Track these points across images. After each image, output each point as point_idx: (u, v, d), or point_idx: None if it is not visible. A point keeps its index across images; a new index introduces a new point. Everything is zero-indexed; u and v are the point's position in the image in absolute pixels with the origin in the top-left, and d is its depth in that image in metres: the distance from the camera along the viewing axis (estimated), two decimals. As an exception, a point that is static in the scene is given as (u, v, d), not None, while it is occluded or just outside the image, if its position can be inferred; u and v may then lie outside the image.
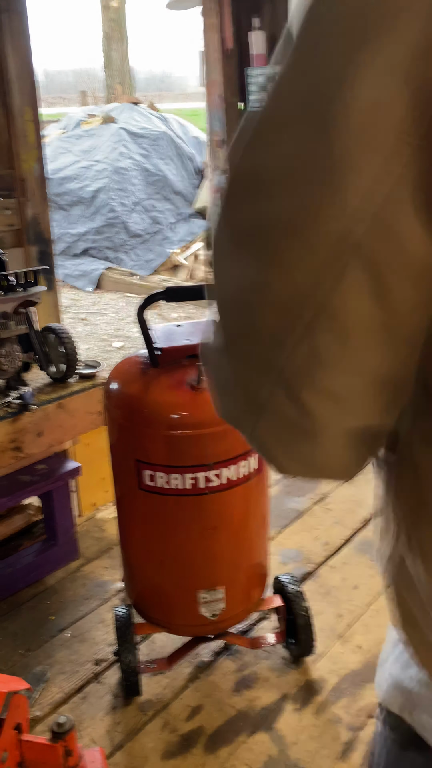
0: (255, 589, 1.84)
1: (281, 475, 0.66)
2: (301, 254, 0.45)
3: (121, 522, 1.83)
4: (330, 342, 0.47)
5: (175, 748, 1.71)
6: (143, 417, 1.59)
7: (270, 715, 1.79)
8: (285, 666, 1.94)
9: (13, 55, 2.47)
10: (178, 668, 1.94)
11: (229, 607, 1.75)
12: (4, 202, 2.56)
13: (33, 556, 2.35)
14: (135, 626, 1.83)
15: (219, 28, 4.41)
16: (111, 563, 2.42)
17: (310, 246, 0.45)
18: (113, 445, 1.74)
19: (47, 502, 2.37)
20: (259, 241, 0.48)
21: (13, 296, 2.07)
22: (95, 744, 1.72)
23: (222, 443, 1.58)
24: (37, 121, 2.59)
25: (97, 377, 2.38)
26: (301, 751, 1.68)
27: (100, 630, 2.11)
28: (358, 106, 0.40)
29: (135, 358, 1.72)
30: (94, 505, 2.76)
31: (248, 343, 0.52)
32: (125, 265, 7.33)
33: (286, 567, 2.36)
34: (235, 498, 1.65)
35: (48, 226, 2.70)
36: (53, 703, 1.85)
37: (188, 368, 1.63)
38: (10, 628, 2.13)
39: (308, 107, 0.42)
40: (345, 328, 0.46)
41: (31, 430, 2.19)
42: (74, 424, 2.31)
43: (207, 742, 1.72)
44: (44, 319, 2.72)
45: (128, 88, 12.68)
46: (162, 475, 1.60)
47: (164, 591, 1.75)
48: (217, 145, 4.69)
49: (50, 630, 2.12)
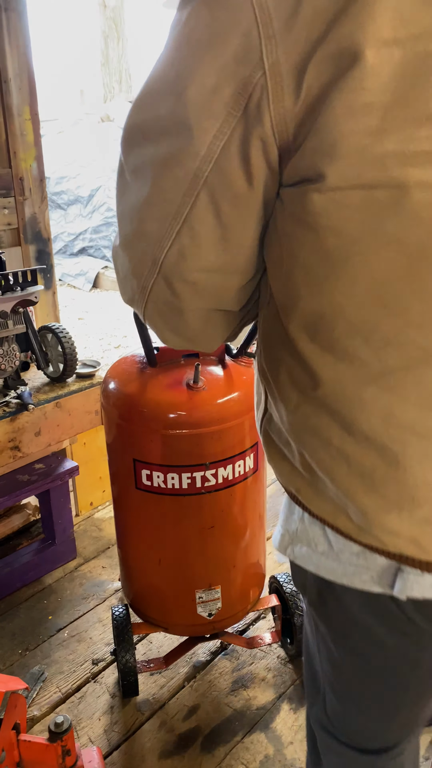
0: (252, 589, 1.84)
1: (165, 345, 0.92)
2: (172, 183, 0.67)
3: (118, 521, 1.83)
4: (189, 245, 0.70)
5: (172, 747, 1.72)
6: (140, 416, 1.59)
7: (267, 714, 1.79)
8: (282, 665, 1.95)
9: (12, 54, 2.47)
10: (175, 668, 1.95)
11: (225, 607, 1.75)
12: (2, 201, 2.55)
13: (31, 556, 2.35)
14: (132, 626, 1.84)
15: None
16: (108, 563, 2.43)
17: (176, 178, 0.66)
18: (110, 445, 1.74)
19: (45, 501, 2.37)
20: (145, 173, 0.69)
21: (11, 295, 2.07)
22: (93, 743, 1.72)
23: (219, 443, 1.58)
24: (35, 120, 2.59)
25: (95, 377, 2.38)
26: (297, 751, 1.69)
27: (97, 629, 2.11)
28: (203, 89, 0.62)
29: (132, 358, 1.73)
30: (92, 504, 2.76)
31: (139, 244, 0.73)
32: (123, 264, 7.33)
33: (283, 566, 2.37)
34: (232, 497, 1.66)
35: (46, 225, 2.70)
36: (51, 702, 1.85)
37: (185, 368, 1.63)
38: (7, 627, 2.13)
39: (173, 86, 0.64)
40: (198, 236, 0.69)
41: (29, 430, 2.19)
42: (72, 424, 2.32)
43: (204, 742, 1.73)
44: (42, 319, 2.73)
45: (126, 86, 12.67)
46: (159, 475, 1.60)
47: (161, 590, 1.76)
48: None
49: (48, 629, 2.12)
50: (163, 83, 0.65)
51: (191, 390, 1.57)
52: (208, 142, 0.63)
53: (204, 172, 0.65)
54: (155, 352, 1.64)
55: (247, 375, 1.68)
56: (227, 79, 0.61)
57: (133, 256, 0.75)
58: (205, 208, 0.67)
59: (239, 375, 1.66)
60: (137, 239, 0.73)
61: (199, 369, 1.57)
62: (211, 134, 0.63)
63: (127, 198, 0.73)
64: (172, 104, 0.64)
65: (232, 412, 1.59)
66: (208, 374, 1.62)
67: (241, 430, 1.61)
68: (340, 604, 0.86)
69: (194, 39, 0.62)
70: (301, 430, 0.75)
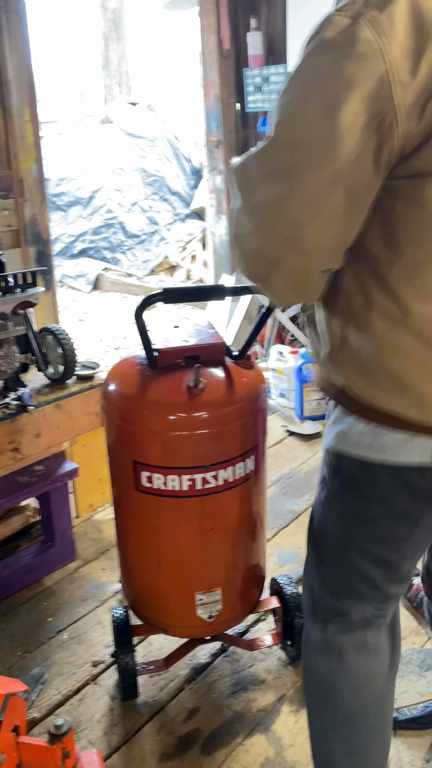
0: (252, 591, 1.84)
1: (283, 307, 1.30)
2: (316, 180, 0.94)
3: (118, 523, 1.83)
4: (325, 223, 0.98)
5: (172, 750, 1.71)
6: (141, 418, 1.59)
7: (267, 717, 1.79)
8: (282, 668, 1.94)
9: (12, 56, 2.47)
10: (175, 670, 1.94)
11: (226, 609, 1.75)
12: (2, 203, 2.56)
13: (31, 558, 2.35)
14: (132, 628, 1.83)
15: (216, 28, 4.41)
16: (108, 565, 2.42)
17: (321, 176, 0.94)
18: (110, 446, 1.74)
19: (45, 503, 2.37)
20: (288, 173, 0.96)
21: (11, 297, 2.07)
22: (93, 746, 1.72)
23: (219, 445, 1.58)
24: (35, 122, 2.59)
25: (95, 378, 2.38)
26: (298, 753, 1.68)
27: (97, 632, 2.11)
28: (350, 114, 0.90)
29: (132, 359, 1.72)
30: (92, 506, 2.76)
31: (274, 228, 1.00)
32: (122, 265, 7.33)
33: (283, 569, 2.36)
34: (232, 499, 1.65)
35: (46, 226, 2.70)
36: (51, 705, 1.85)
37: (185, 369, 1.63)
38: (7, 629, 2.13)
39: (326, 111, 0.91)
40: (332, 216, 0.97)
41: (29, 431, 2.19)
42: (72, 425, 2.31)
43: (204, 744, 1.72)
44: (42, 320, 2.72)
45: (126, 88, 12.67)
46: (159, 477, 1.60)
47: (161, 593, 1.75)
48: (213, 145, 4.69)
49: (48, 631, 2.12)
50: (315, 107, 0.92)
51: (191, 392, 1.57)
52: (349, 149, 0.91)
53: (344, 169, 0.93)
54: (155, 354, 1.64)
55: (247, 377, 1.68)
56: (366, 109, 0.89)
57: (266, 238, 1.01)
58: (340, 196, 0.95)
59: (239, 377, 1.66)
60: (273, 224, 0.99)
61: (199, 371, 1.57)
62: (352, 144, 0.91)
63: (259, 194, 1.00)
64: (325, 124, 0.91)
65: (233, 414, 1.59)
66: (209, 376, 1.62)
67: (241, 432, 1.61)
68: (375, 479, 1.16)
69: (343, 78, 0.89)
70: (388, 350, 1.05)
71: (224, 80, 4.52)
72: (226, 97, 4.57)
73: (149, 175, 7.92)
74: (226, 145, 4.64)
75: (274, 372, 3.71)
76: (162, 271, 7.35)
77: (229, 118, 4.63)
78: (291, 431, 3.42)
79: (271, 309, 1.66)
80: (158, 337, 1.71)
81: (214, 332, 1.75)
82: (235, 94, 4.60)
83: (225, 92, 4.55)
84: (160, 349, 1.64)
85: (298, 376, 3.50)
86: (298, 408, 3.54)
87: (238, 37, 4.45)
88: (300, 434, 3.39)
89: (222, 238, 4.84)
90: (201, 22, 4.50)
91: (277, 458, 3.16)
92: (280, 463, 3.12)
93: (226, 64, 4.51)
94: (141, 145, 8.10)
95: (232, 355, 1.73)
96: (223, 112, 4.57)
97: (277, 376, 3.69)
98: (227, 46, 4.44)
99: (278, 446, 3.29)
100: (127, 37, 12.82)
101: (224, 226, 4.80)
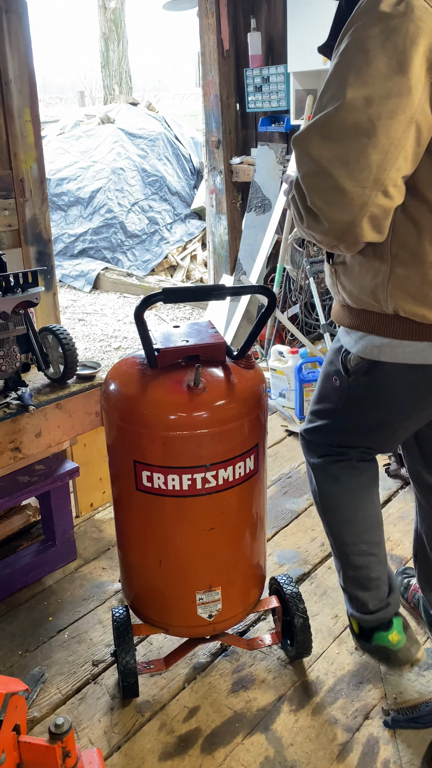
0: (252, 590, 1.84)
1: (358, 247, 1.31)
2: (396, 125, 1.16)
3: (118, 523, 1.83)
4: (402, 162, 1.19)
5: (173, 749, 1.71)
6: (141, 418, 1.59)
7: (267, 716, 1.79)
8: (282, 667, 1.95)
9: (13, 56, 2.47)
10: (175, 669, 1.95)
11: (226, 608, 1.75)
12: (2, 203, 2.56)
13: (31, 557, 2.35)
14: (133, 627, 1.83)
15: (216, 28, 4.41)
16: (109, 564, 2.43)
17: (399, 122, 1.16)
18: (111, 446, 1.74)
19: (45, 502, 2.37)
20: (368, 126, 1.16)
21: (12, 297, 2.07)
22: (93, 745, 1.72)
23: (219, 444, 1.58)
24: (36, 122, 2.59)
25: (96, 378, 2.38)
26: (297, 752, 1.69)
27: (97, 631, 2.11)
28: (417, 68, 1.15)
29: (133, 359, 1.73)
30: (92, 505, 2.76)
31: (360, 173, 1.17)
32: (123, 265, 7.33)
33: (283, 568, 2.37)
34: (232, 499, 1.66)
35: (46, 226, 2.70)
36: (51, 704, 1.85)
37: (186, 369, 1.63)
38: (8, 629, 2.13)
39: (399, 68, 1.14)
40: (407, 155, 1.18)
41: (29, 431, 2.19)
42: (73, 425, 2.32)
43: (204, 743, 1.73)
44: (43, 320, 2.73)
45: (126, 88, 12.67)
46: (159, 476, 1.60)
47: (161, 592, 1.76)
48: (213, 145, 4.70)
49: (48, 631, 2.12)
50: (387, 67, 1.14)
51: (192, 391, 1.57)
52: (419, 96, 1.15)
53: (416, 114, 1.16)
54: (156, 354, 1.64)
55: (247, 376, 1.68)
56: (426, 61, 1.14)
57: (354, 186, 1.17)
58: (413, 137, 1.17)
59: (239, 376, 1.66)
60: (359, 172, 1.17)
61: (199, 370, 1.57)
62: (420, 91, 1.15)
63: (340, 149, 1.18)
64: (399, 77, 1.14)
65: (233, 413, 1.59)
66: (209, 376, 1.62)
67: (241, 432, 1.62)
68: (387, 375, 1.43)
69: (408, 38, 1.13)
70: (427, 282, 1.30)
71: (224, 80, 4.53)
72: (226, 97, 4.57)
73: (149, 175, 7.92)
74: (226, 145, 4.64)
75: (274, 372, 3.71)
76: (162, 271, 7.35)
77: (229, 118, 4.63)
78: (291, 431, 3.42)
79: (271, 309, 1.66)
80: (158, 337, 1.71)
81: (214, 332, 1.76)
82: (235, 94, 4.60)
83: (225, 92, 4.55)
84: (160, 348, 1.65)
85: (297, 376, 3.51)
86: (298, 408, 3.54)
87: (238, 37, 4.45)
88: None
89: (222, 237, 4.84)
90: (201, 22, 4.51)
91: (277, 458, 3.17)
92: (280, 462, 3.13)
93: (225, 64, 4.51)
94: (141, 145, 8.10)
95: (232, 355, 1.73)
96: (223, 112, 4.57)
97: (277, 376, 3.69)
98: (227, 46, 4.44)
99: (278, 446, 3.30)
100: (127, 37, 12.82)
101: (224, 226, 4.80)
